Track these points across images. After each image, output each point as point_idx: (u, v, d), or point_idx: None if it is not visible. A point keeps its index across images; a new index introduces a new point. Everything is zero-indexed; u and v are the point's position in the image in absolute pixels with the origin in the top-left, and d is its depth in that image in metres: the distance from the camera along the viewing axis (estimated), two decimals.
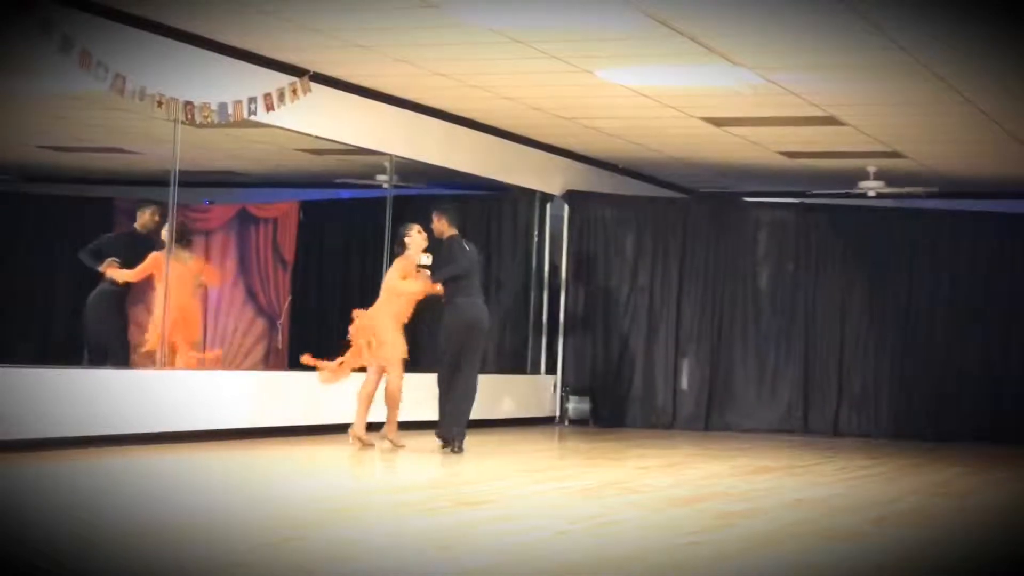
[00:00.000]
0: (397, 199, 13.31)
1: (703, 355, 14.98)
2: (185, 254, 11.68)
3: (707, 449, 12.16)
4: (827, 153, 13.99)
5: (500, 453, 11.22)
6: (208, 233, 15.96)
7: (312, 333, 13.85)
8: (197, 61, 10.17)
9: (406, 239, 10.69)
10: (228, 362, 15.12)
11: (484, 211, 15.07)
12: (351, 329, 10.59)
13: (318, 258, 14.87)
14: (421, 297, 10.68)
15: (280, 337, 14.86)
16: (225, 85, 10.40)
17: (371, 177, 13.47)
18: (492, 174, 13.89)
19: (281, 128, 11.15)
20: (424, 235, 10.72)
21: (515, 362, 14.98)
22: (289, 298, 14.47)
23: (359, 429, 10.54)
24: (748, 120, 12.45)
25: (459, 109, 12.69)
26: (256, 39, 10.18)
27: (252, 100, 10.60)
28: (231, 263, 15.73)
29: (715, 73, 10.54)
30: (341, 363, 10.56)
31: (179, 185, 10.59)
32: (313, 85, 11.09)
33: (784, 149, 13.98)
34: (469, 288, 10.62)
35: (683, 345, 15.02)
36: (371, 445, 10.49)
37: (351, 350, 10.54)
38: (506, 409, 14.23)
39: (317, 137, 11.67)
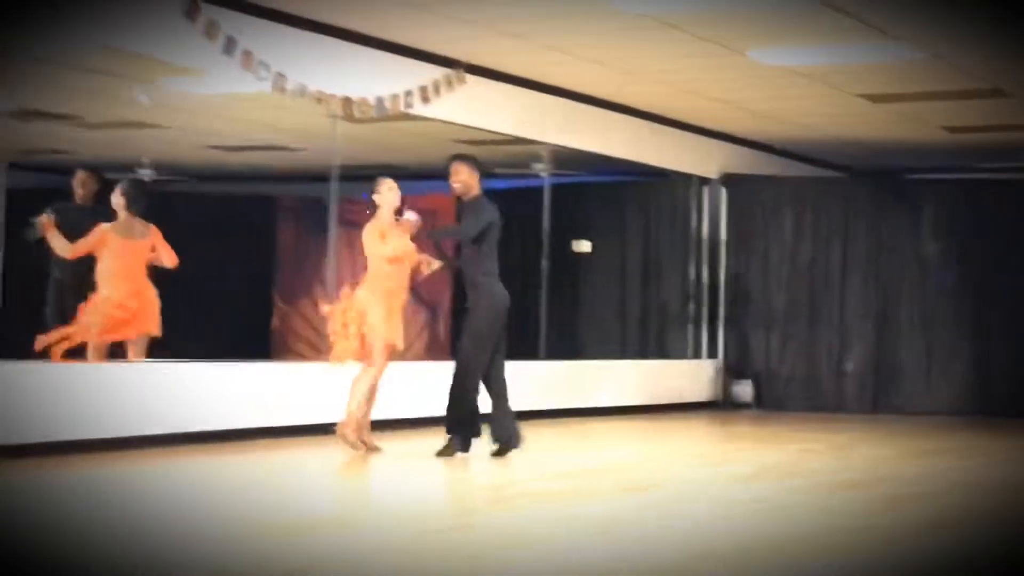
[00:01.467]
0: (554, 187, 13.36)
1: (868, 336, 14.72)
2: (138, 225, 9.47)
3: (873, 432, 11.97)
4: (992, 126, 13.63)
5: (663, 438, 11.20)
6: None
7: None
8: (353, 56, 10.33)
9: (375, 196, 8.93)
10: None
11: (642, 197, 15.05)
12: (330, 310, 8.82)
13: None
14: (413, 260, 8.82)
15: (441, 327, 15.05)
16: (381, 79, 10.54)
17: (527, 166, 13.53)
18: (648, 160, 13.84)
19: (437, 120, 11.26)
20: (397, 192, 8.92)
21: (676, 347, 14.93)
22: (450, 292, 14.60)
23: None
24: (907, 95, 12.20)
25: (613, 95, 12.67)
26: (410, 32, 10.30)
27: (408, 93, 10.73)
28: None
29: (871, 49, 10.34)
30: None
31: (340, 180, 10.79)
32: (467, 76, 11.18)
33: (947, 124, 13.66)
34: (495, 264, 8.75)
35: (847, 326, 14.79)
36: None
37: (335, 336, 8.71)
38: (668, 394, 14.18)
39: (473, 128, 11.76)
